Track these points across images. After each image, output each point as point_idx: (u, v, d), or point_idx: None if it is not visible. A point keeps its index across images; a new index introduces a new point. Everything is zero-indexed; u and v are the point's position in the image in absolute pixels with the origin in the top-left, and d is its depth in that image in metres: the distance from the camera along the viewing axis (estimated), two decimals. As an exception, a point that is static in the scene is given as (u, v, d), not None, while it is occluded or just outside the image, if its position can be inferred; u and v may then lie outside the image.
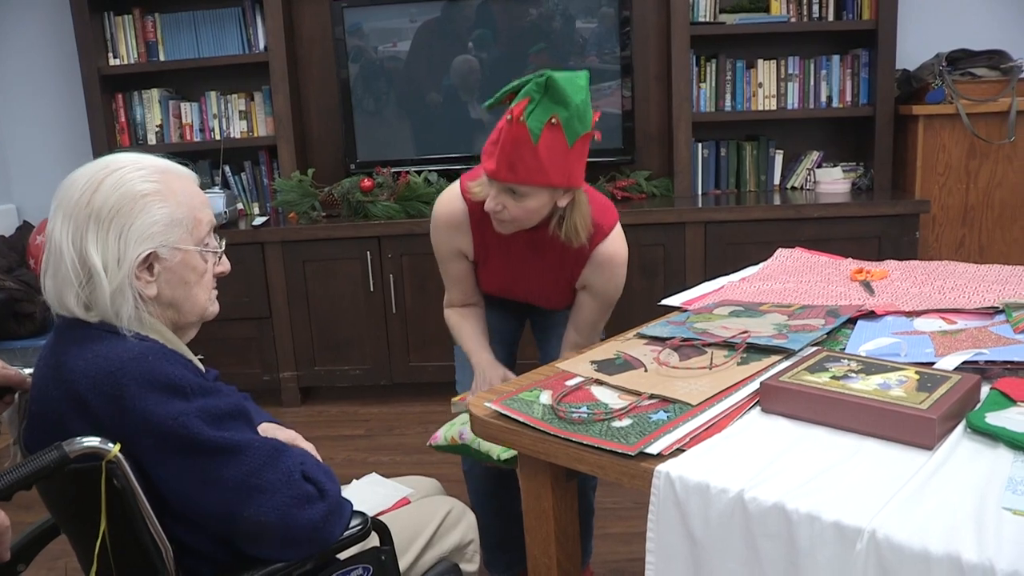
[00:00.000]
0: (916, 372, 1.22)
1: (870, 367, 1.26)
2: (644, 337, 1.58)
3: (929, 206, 3.37)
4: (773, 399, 1.21)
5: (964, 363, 1.29)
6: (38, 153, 4.04)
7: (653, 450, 1.12)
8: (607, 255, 1.80)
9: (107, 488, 1.08)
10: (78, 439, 1.07)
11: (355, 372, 3.57)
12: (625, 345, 1.55)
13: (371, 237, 3.43)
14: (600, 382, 1.38)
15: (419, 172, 3.55)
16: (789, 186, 3.81)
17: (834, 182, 3.67)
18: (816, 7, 3.59)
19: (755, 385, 1.29)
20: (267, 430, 1.38)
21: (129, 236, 1.15)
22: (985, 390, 1.20)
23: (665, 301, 1.86)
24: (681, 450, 1.12)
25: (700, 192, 3.78)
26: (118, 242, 1.14)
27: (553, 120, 1.56)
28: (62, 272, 1.15)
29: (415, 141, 3.74)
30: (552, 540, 1.33)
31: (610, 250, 1.80)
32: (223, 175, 3.90)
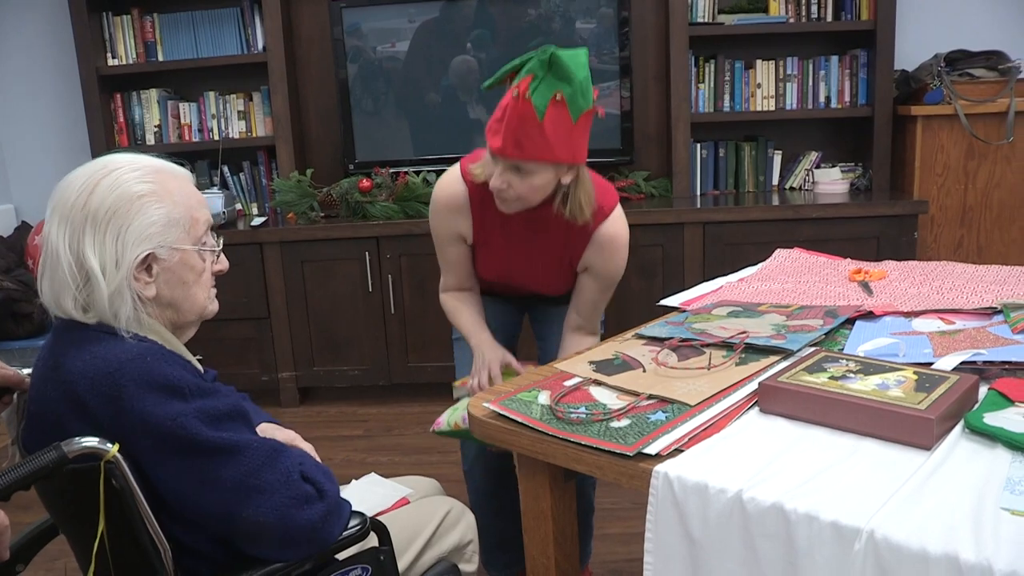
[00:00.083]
0: (914, 372, 1.22)
1: (868, 367, 1.26)
2: (642, 337, 1.59)
3: (927, 207, 3.37)
4: (771, 399, 1.21)
5: (962, 363, 1.29)
6: (36, 153, 4.04)
7: (651, 450, 1.12)
8: (609, 236, 1.79)
9: (105, 488, 1.08)
10: (77, 439, 1.07)
11: (354, 372, 3.57)
12: (623, 345, 1.55)
13: (370, 237, 3.43)
14: (598, 382, 1.38)
15: (418, 172, 3.55)
16: (787, 186, 3.81)
17: (832, 183, 3.67)
18: (815, 8, 3.59)
19: (753, 385, 1.29)
20: (266, 430, 1.38)
21: (127, 238, 1.14)
22: (983, 390, 1.20)
23: (664, 301, 1.86)
24: (679, 450, 1.12)
25: (699, 192, 3.78)
26: (116, 244, 1.14)
27: (558, 96, 1.56)
28: (59, 275, 1.14)
29: (414, 141, 3.73)
30: (550, 540, 1.33)
31: (612, 231, 1.79)
32: (221, 175, 3.90)
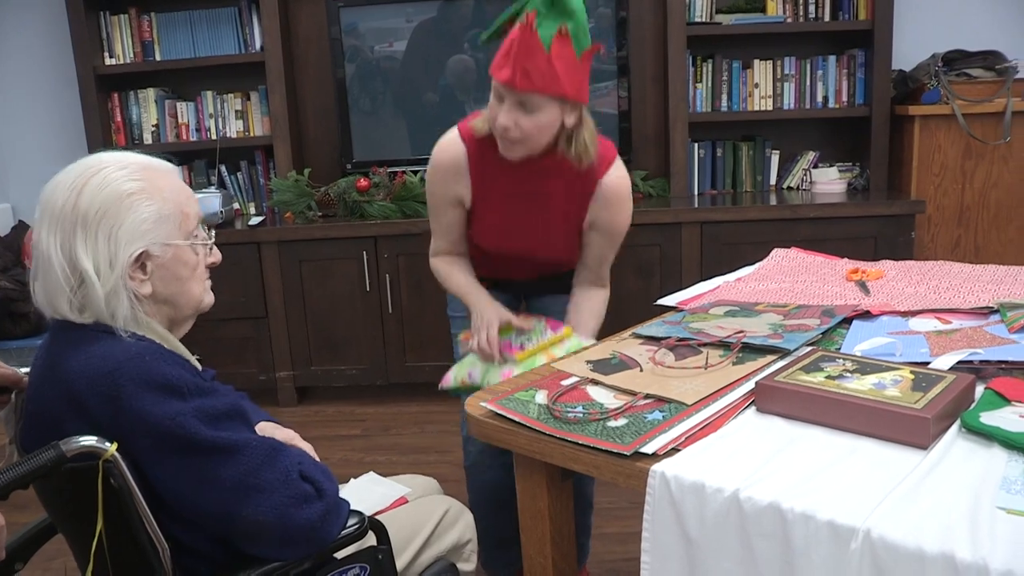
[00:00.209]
0: (911, 372, 1.22)
1: (865, 367, 1.26)
2: (640, 337, 1.59)
3: (925, 206, 3.38)
4: (768, 399, 1.21)
5: (959, 363, 1.29)
6: (34, 152, 4.04)
7: (648, 450, 1.12)
8: (613, 187, 1.79)
9: (104, 487, 1.08)
10: (75, 438, 1.07)
11: (351, 372, 3.57)
12: (621, 345, 1.56)
13: (367, 237, 3.43)
14: (596, 382, 1.38)
15: (415, 172, 3.55)
16: (785, 186, 3.81)
17: (830, 182, 3.67)
18: (812, 7, 3.59)
19: (750, 385, 1.29)
20: (265, 429, 1.38)
21: (119, 237, 1.14)
22: (980, 390, 1.21)
23: (661, 301, 1.86)
24: (676, 450, 1.12)
25: (696, 192, 3.78)
26: (108, 244, 1.13)
27: (563, 30, 1.56)
28: (52, 279, 1.14)
29: (411, 141, 3.73)
30: (547, 540, 1.33)
31: (615, 182, 1.79)
32: (219, 175, 3.90)
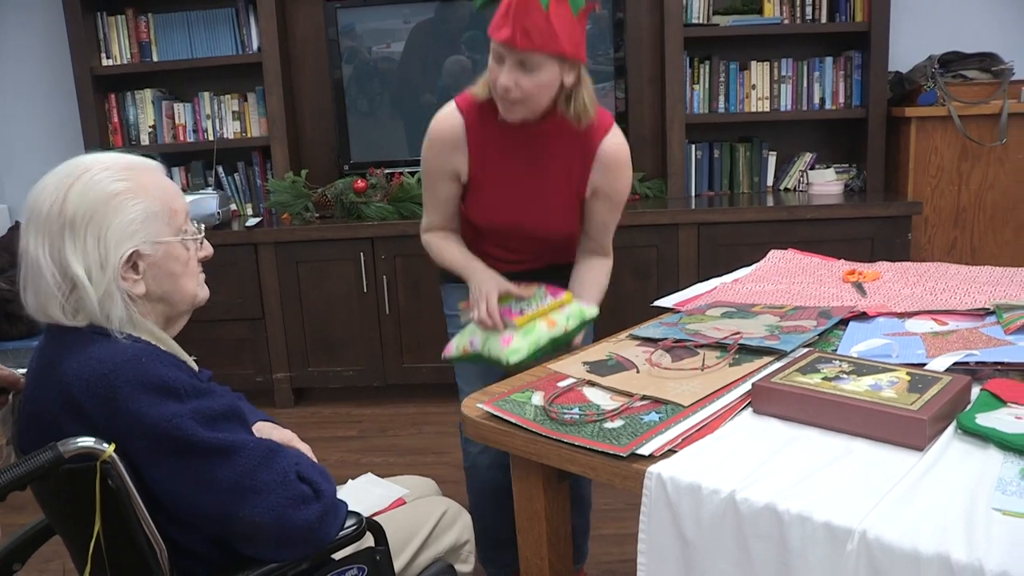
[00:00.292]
0: (907, 373, 1.23)
1: (861, 368, 1.26)
2: (636, 338, 1.59)
3: (921, 208, 3.38)
4: (765, 400, 1.22)
5: (955, 364, 1.30)
6: (31, 153, 4.03)
7: (645, 451, 1.12)
8: (612, 152, 1.79)
9: (101, 488, 1.08)
10: (73, 439, 1.07)
11: (348, 373, 3.57)
12: (617, 346, 1.56)
13: (364, 238, 3.43)
14: (592, 383, 1.38)
15: (412, 173, 3.55)
16: (782, 188, 3.82)
17: (827, 184, 3.68)
18: (809, 9, 3.60)
19: (747, 386, 1.29)
20: (263, 429, 1.38)
21: (108, 238, 1.13)
22: (976, 391, 1.21)
23: (658, 302, 1.87)
24: (673, 451, 1.12)
25: (693, 193, 3.79)
26: (98, 246, 1.13)
27: None
28: (43, 286, 1.14)
29: (409, 142, 3.73)
30: (544, 541, 1.33)
31: (615, 147, 1.79)
32: (216, 176, 3.90)
